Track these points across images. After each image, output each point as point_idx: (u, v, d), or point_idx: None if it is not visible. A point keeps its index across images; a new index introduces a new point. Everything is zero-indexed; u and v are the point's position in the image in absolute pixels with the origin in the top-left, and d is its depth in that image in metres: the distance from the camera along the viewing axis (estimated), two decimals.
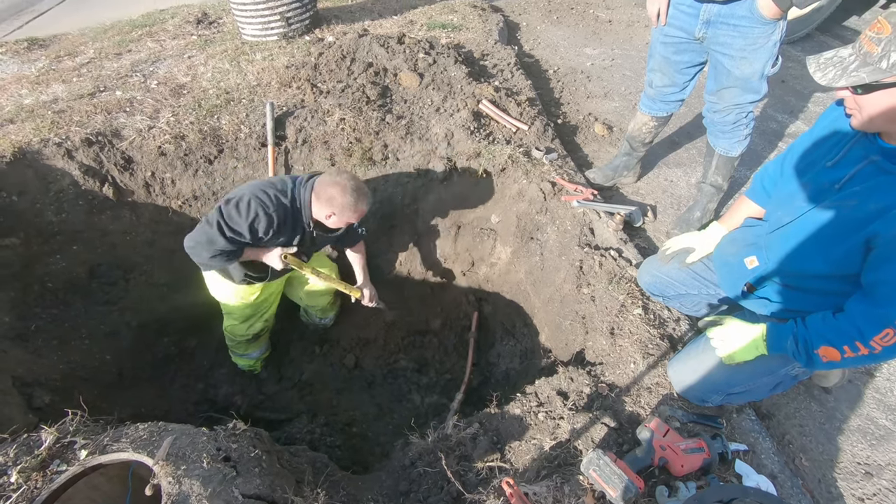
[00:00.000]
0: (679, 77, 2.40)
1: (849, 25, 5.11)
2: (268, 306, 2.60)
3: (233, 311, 2.49)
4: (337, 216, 2.07)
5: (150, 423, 1.47)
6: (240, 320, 2.53)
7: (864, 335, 1.22)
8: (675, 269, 1.90)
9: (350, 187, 2.01)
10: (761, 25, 2.00)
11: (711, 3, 2.04)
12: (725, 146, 2.44)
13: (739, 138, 2.39)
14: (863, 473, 1.75)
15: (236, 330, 2.58)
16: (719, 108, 2.32)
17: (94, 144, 2.69)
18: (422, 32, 4.12)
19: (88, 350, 2.63)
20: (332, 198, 2.01)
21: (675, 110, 2.58)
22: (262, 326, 2.63)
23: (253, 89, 3.20)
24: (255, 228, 1.97)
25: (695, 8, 2.10)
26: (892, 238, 1.15)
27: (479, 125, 2.97)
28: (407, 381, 2.90)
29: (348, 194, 2.01)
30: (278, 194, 2.02)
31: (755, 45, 2.05)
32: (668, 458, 1.46)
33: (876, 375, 2.05)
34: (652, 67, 2.47)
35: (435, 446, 1.73)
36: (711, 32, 2.12)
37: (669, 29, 2.25)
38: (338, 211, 2.04)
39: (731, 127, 2.35)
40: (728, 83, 2.21)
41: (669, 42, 2.29)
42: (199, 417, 2.66)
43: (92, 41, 4.00)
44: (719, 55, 2.16)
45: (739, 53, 2.09)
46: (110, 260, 2.81)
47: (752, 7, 1.96)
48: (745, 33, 2.04)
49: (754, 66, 2.11)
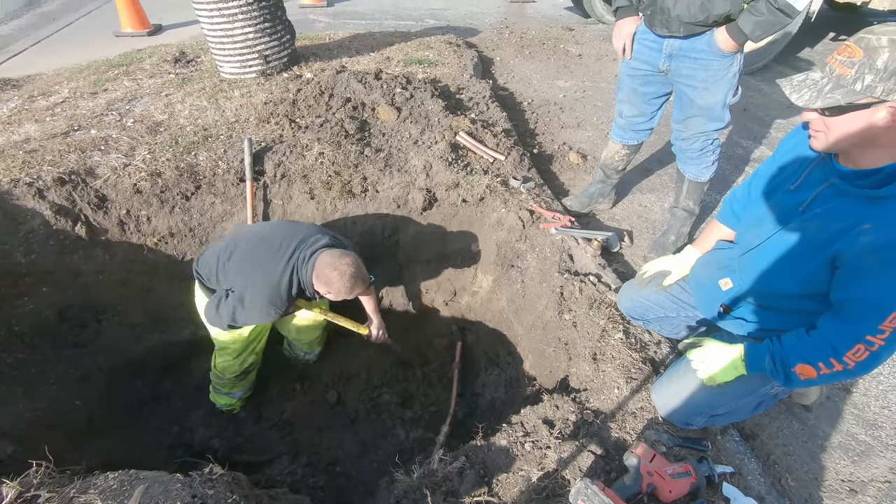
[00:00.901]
0: (647, 107, 2.50)
1: (802, 56, 5.43)
2: (259, 339, 2.57)
3: (227, 346, 2.44)
4: (333, 295, 2.16)
5: (121, 472, 1.40)
6: (234, 355, 2.49)
7: (837, 352, 1.25)
8: (654, 292, 1.94)
9: (348, 274, 2.08)
10: (720, 58, 2.12)
11: (673, 38, 2.15)
12: (694, 172, 2.53)
13: (707, 164, 2.49)
14: (847, 491, 1.76)
15: (229, 366, 2.52)
16: (686, 136, 2.42)
17: (66, 183, 2.65)
18: (398, 68, 4.22)
19: (56, 396, 2.51)
20: (329, 281, 2.09)
21: (645, 138, 2.68)
22: (253, 360, 2.59)
23: (231, 126, 3.22)
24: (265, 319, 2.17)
25: (658, 43, 2.22)
26: (856, 256, 1.19)
27: (456, 156, 3.02)
28: (391, 415, 2.83)
29: (346, 280, 2.08)
30: (281, 293, 2.12)
31: (716, 76, 2.16)
32: (656, 483, 1.45)
33: (853, 391, 2.09)
34: (621, 98, 2.58)
35: (421, 483, 1.68)
36: (675, 65, 2.22)
37: (635, 62, 2.36)
38: (334, 292, 2.13)
39: (698, 154, 2.45)
40: (693, 112, 2.32)
41: (636, 75, 2.40)
42: (174, 463, 2.54)
43: (67, 81, 3.99)
44: (683, 86, 2.27)
45: (702, 84, 2.20)
46: (82, 301, 2.72)
47: (711, 41, 2.08)
48: (706, 66, 2.15)
49: (716, 96, 2.21)
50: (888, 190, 1.14)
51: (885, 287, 1.15)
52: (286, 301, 2.14)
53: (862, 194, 1.20)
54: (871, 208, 1.19)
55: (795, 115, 4.17)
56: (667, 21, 2.10)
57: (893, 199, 1.15)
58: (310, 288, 2.17)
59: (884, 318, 1.17)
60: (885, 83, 1.07)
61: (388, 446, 2.69)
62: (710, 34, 2.08)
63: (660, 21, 2.13)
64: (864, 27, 1.18)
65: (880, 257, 1.15)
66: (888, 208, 1.16)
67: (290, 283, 2.13)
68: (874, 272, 1.16)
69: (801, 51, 5.51)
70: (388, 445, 2.70)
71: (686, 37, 2.12)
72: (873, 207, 1.18)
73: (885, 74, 1.07)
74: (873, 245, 1.15)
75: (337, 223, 2.93)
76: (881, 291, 1.16)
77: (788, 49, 5.15)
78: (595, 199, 2.98)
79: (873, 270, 1.16)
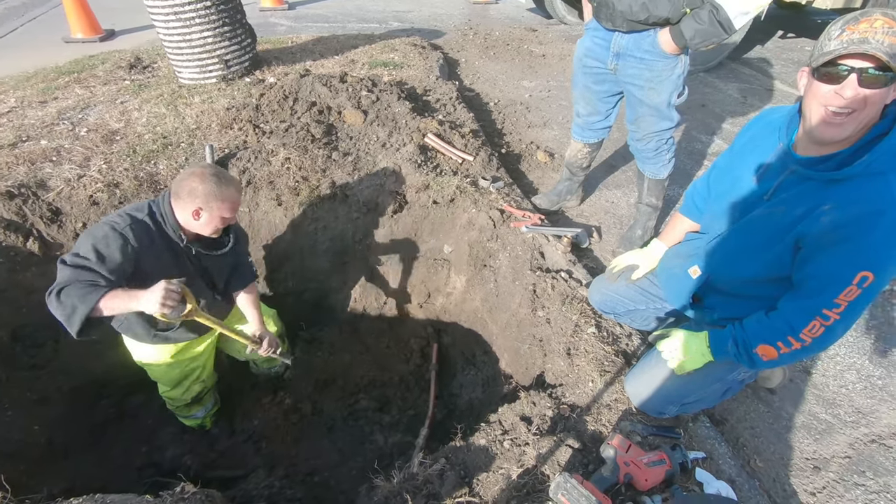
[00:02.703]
0: (601, 105, 2.55)
1: (753, 54, 5.67)
2: (201, 366, 2.35)
3: (160, 377, 2.26)
4: (206, 211, 1.75)
5: (86, 497, 1.34)
6: (171, 385, 2.29)
7: (794, 329, 1.31)
8: (623, 286, 1.98)
9: (209, 173, 1.74)
10: (663, 59, 2.18)
11: (618, 33, 2.20)
12: (652, 170, 2.60)
13: (664, 162, 2.56)
14: (811, 468, 1.84)
15: (172, 395, 2.37)
16: (639, 136, 2.48)
17: (15, 197, 2.52)
18: (364, 71, 4.19)
19: (12, 422, 2.38)
20: (192, 190, 1.71)
21: (604, 136, 2.74)
22: (200, 389, 2.42)
23: (192, 133, 3.12)
24: (103, 254, 1.61)
25: (606, 40, 2.27)
26: (816, 236, 1.24)
27: (425, 158, 3.02)
28: (369, 421, 2.80)
29: (209, 180, 1.72)
30: (131, 212, 1.75)
31: (660, 77, 2.22)
32: (632, 473, 1.48)
33: (813, 373, 2.18)
34: (576, 97, 2.63)
35: (401, 487, 1.67)
36: (621, 64, 2.28)
37: (587, 59, 2.41)
38: (203, 203, 1.72)
39: (653, 154, 2.52)
40: (642, 112, 2.38)
41: (589, 72, 2.45)
42: (144, 484, 2.44)
43: (13, 90, 3.79)
44: (629, 85, 2.33)
45: (647, 84, 2.26)
46: (37, 320, 2.58)
47: (655, 42, 2.15)
48: (651, 66, 2.21)
49: (661, 96, 2.28)
50: (846, 171, 1.19)
51: (841, 262, 1.21)
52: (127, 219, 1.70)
53: (823, 177, 1.25)
54: (831, 190, 1.24)
55: (750, 110, 4.35)
56: (611, 15, 2.16)
57: (851, 179, 1.20)
58: (171, 220, 1.78)
59: (839, 291, 1.22)
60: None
61: (367, 452, 2.66)
62: (653, 35, 2.14)
63: (605, 14, 2.19)
64: (810, 25, 1.22)
65: (838, 235, 1.20)
66: (846, 188, 1.21)
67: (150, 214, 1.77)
68: (831, 249, 1.22)
69: (753, 48, 5.74)
70: (366, 452, 2.67)
71: (629, 32, 2.17)
72: (833, 189, 1.23)
73: None
74: (833, 224, 1.21)
75: (307, 229, 2.88)
76: (837, 266, 1.22)
77: (741, 47, 5.37)
78: (563, 196, 3.02)
79: (830, 247, 1.22)
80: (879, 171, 1.15)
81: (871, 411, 2.02)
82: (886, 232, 1.15)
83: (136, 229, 1.70)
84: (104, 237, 1.64)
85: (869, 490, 1.76)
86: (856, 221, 1.17)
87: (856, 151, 1.19)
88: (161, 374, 2.25)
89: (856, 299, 1.22)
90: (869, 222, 1.16)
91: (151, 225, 1.76)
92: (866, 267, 1.18)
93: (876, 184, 1.16)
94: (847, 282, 1.20)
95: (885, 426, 1.97)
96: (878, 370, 2.19)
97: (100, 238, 1.63)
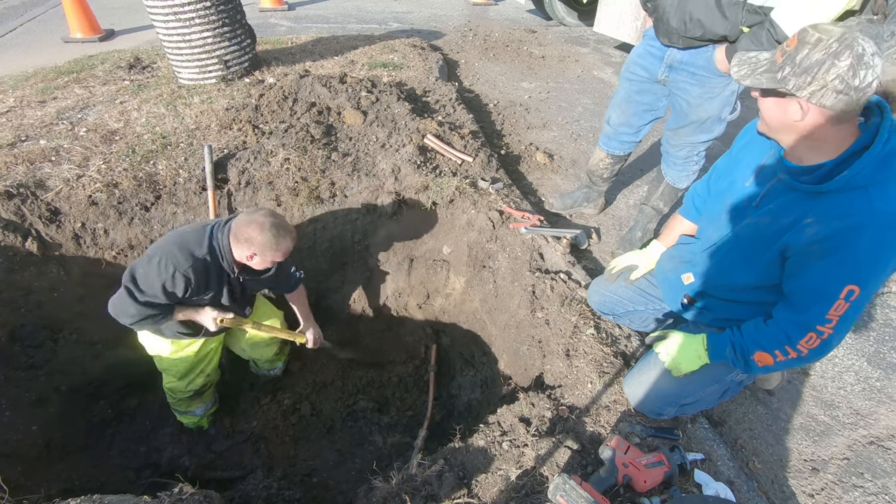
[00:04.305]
0: (634, 119, 2.50)
1: None
2: (208, 361, 2.44)
3: (169, 368, 2.33)
4: (259, 256, 1.94)
5: (84, 498, 1.34)
6: (177, 377, 2.36)
7: (791, 340, 1.33)
8: (622, 287, 1.98)
9: (268, 224, 1.88)
10: (718, 77, 2.12)
11: (673, 48, 2.16)
12: (674, 177, 2.58)
13: (688, 173, 2.54)
14: (810, 470, 1.84)
15: (176, 387, 2.41)
16: (675, 142, 2.46)
17: (14, 197, 2.52)
18: (363, 72, 4.19)
19: (10, 422, 2.37)
20: (250, 238, 1.89)
21: (630, 150, 2.69)
22: (203, 382, 2.46)
23: (191, 133, 3.12)
24: (170, 291, 1.87)
25: (661, 51, 2.22)
26: (801, 248, 1.26)
27: (425, 159, 3.02)
28: (367, 422, 2.80)
29: (267, 232, 1.87)
30: (192, 249, 1.91)
31: (711, 93, 2.18)
32: (631, 474, 1.48)
33: (811, 374, 2.19)
34: (614, 103, 2.57)
35: (399, 489, 1.67)
36: (672, 77, 2.24)
37: (635, 67, 2.36)
38: (259, 251, 1.91)
39: (682, 161, 2.50)
40: (684, 123, 2.34)
41: (634, 79, 2.40)
42: (142, 485, 2.44)
43: (12, 89, 3.79)
44: (679, 98, 2.29)
45: (696, 101, 2.22)
46: (35, 320, 2.58)
47: (710, 59, 2.10)
48: (703, 82, 2.16)
49: (710, 112, 2.24)
50: (828, 185, 1.20)
51: (828, 276, 1.23)
52: (189, 260, 1.88)
53: (806, 189, 1.26)
54: (813, 203, 1.25)
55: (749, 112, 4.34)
56: (667, 31, 2.12)
57: (833, 193, 1.21)
58: (228, 256, 1.96)
59: (828, 307, 1.24)
60: (796, 78, 1.12)
61: (366, 453, 2.66)
62: (710, 52, 2.09)
63: (662, 30, 2.15)
64: None
65: (822, 248, 1.21)
66: (828, 203, 1.22)
67: (210, 250, 1.93)
68: (816, 263, 1.24)
69: None
70: (365, 453, 2.67)
71: (685, 48, 2.12)
72: (816, 202, 1.25)
73: (798, 69, 1.12)
74: (815, 237, 1.22)
75: (305, 229, 2.88)
76: (824, 280, 1.24)
77: None
78: (579, 202, 3.01)
79: (816, 261, 1.24)
80: (861, 184, 1.16)
81: (870, 413, 2.03)
82: (869, 246, 1.16)
83: (196, 269, 1.91)
84: (172, 279, 1.85)
85: (867, 492, 1.77)
86: (839, 235, 1.19)
87: (840, 163, 1.20)
88: (170, 364, 2.31)
89: (845, 313, 1.24)
90: (851, 236, 1.17)
91: (210, 260, 1.95)
92: (852, 281, 1.20)
93: (857, 198, 1.17)
94: (835, 297, 1.22)
95: (884, 428, 1.97)
96: (877, 372, 2.19)
97: (168, 279, 1.85)
